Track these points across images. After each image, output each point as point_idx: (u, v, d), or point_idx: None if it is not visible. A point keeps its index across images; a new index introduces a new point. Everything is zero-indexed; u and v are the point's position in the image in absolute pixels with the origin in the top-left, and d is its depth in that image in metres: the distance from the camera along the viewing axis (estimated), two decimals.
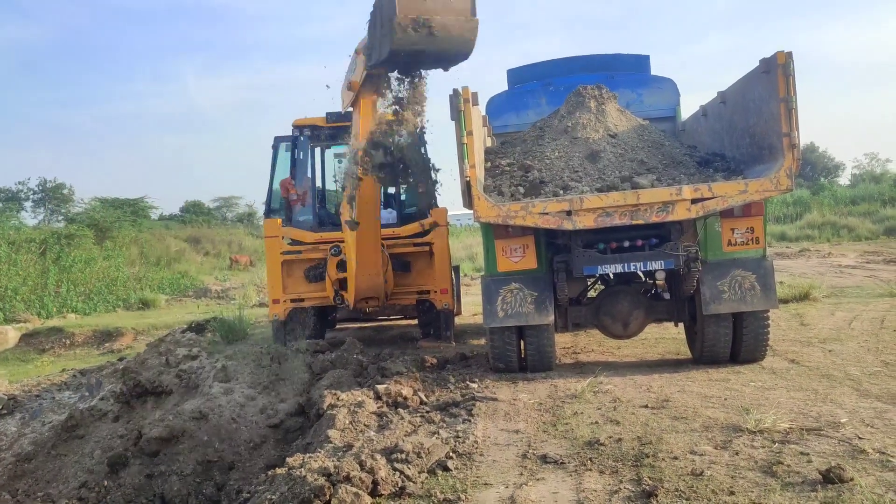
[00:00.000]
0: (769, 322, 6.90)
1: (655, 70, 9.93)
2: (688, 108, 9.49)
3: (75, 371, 9.78)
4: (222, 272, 26.98)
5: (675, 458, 4.41)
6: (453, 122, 6.58)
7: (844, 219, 29.09)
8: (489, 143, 8.48)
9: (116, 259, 22.69)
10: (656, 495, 3.82)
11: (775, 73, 6.12)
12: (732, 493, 3.83)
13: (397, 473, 4.29)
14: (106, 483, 5.41)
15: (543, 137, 7.73)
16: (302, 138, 10.20)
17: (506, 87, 10.14)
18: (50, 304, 17.53)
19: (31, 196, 47.26)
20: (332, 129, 10.24)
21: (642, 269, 6.76)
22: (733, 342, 6.93)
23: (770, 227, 26.92)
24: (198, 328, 13.12)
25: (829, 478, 3.84)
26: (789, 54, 6.08)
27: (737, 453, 4.43)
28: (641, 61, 9.97)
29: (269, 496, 4.13)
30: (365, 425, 5.47)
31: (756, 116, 6.66)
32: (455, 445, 4.87)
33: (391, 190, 10.86)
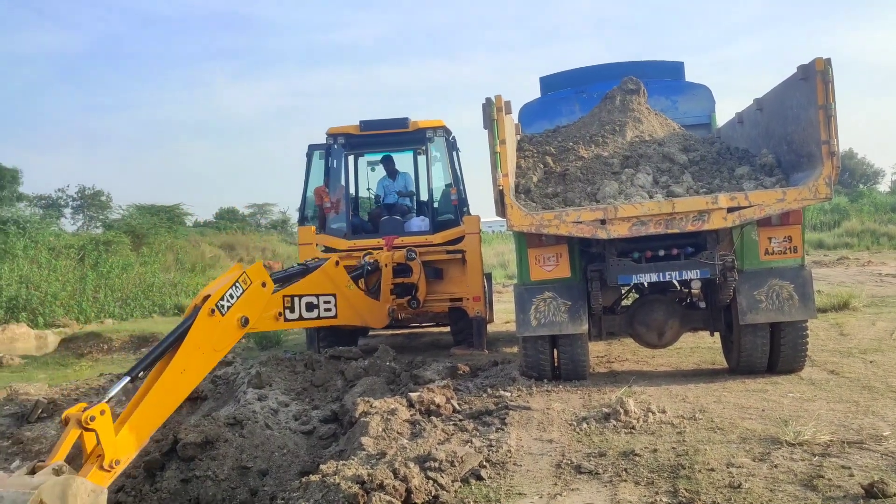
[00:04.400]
0: (808, 332, 6.78)
1: (689, 76, 9.87)
2: (721, 112, 9.42)
3: (112, 376, 9.90)
4: None
5: (712, 469, 4.35)
6: (486, 130, 6.58)
7: (884, 226, 28.56)
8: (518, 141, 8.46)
9: (152, 265, 22.96)
10: None
11: (814, 79, 6.02)
12: None
13: (431, 482, 4.28)
14: (143, 487, 5.47)
15: (577, 141, 7.69)
16: (336, 146, 10.27)
17: (538, 95, 10.13)
18: (88, 310, 17.80)
19: (71, 203, 48.09)
20: (366, 138, 10.31)
21: (677, 278, 6.68)
22: (771, 352, 6.83)
23: (807, 235, 26.52)
24: None
25: (872, 492, 3.75)
26: (828, 61, 5.99)
27: (775, 466, 4.35)
28: (676, 68, 9.91)
29: (302, 503, 4.14)
30: (398, 433, 5.48)
31: (794, 124, 6.57)
32: (488, 454, 4.85)
33: (424, 198, 10.91)
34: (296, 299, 6.96)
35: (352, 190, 10.94)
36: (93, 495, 3.92)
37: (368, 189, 11.75)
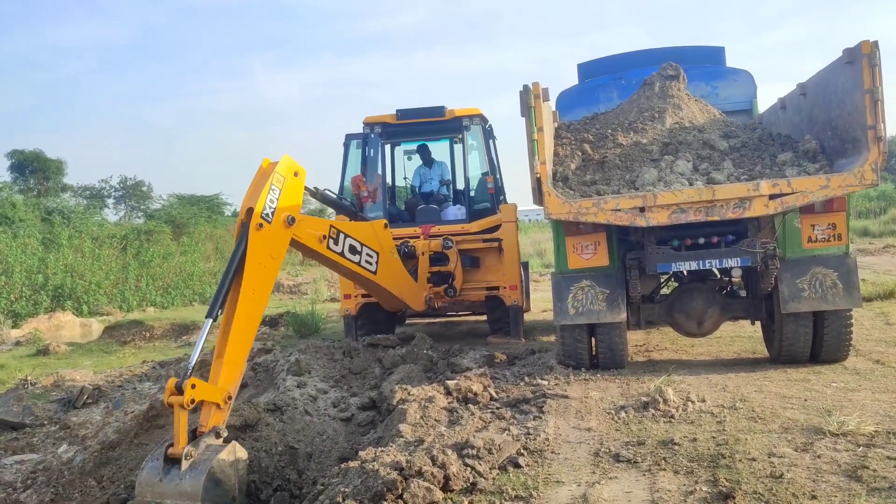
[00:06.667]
0: (852, 321, 6.64)
1: (731, 61, 9.72)
2: (762, 98, 9.26)
3: (155, 363, 10.09)
4: (294, 267, 27.41)
5: (753, 459, 4.30)
6: (523, 118, 6.55)
7: None
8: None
9: (192, 254, 23.30)
10: (734, 497, 3.73)
11: (860, 63, 5.88)
12: (814, 497, 3.71)
13: (469, 469, 4.29)
14: None
15: (615, 128, 7.62)
16: (372, 135, 10.31)
17: (576, 82, 10.05)
18: (130, 298, 18.17)
19: (113, 193, 49.02)
20: (402, 126, 10.33)
21: (718, 266, 6.60)
22: (813, 342, 6.71)
23: (852, 223, 25.98)
24: (271, 322, 13.44)
25: None
26: (875, 43, 5.84)
27: (818, 456, 4.29)
28: (716, 53, 9.76)
29: (342, 488, 4.17)
30: (436, 420, 5.50)
31: (839, 108, 6.43)
32: (526, 442, 4.85)
33: (460, 186, 10.91)
34: (342, 234, 7.04)
35: (388, 179, 10.97)
36: (230, 456, 4.56)
37: (405, 178, 11.78)
